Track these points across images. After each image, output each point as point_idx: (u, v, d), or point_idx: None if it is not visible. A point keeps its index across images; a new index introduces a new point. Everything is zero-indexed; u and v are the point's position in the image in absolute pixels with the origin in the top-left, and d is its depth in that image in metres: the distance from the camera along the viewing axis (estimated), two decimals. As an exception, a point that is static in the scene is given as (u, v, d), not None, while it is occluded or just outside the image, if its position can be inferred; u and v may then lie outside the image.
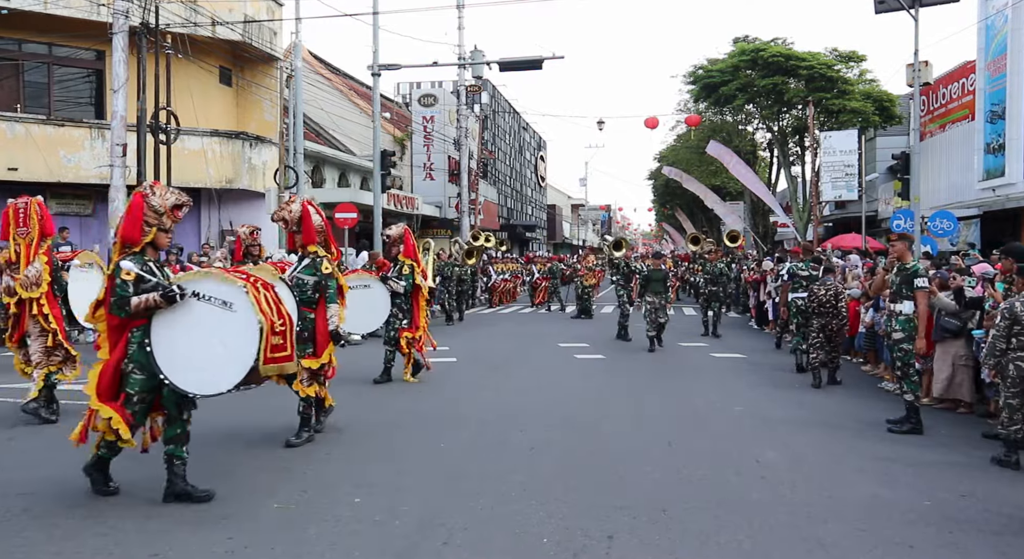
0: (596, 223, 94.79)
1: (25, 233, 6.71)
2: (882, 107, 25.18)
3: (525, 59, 18.34)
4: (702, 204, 34.18)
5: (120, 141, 14.38)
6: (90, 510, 4.46)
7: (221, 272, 4.68)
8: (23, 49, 17.17)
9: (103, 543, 3.97)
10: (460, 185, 27.98)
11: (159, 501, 4.57)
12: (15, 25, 15.65)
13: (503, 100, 48.82)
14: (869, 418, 7.15)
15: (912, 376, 6.64)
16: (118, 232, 4.53)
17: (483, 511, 4.50)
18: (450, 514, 4.45)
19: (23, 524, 4.24)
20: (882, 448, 6.08)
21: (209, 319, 4.39)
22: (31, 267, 6.63)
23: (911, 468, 5.52)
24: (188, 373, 4.36)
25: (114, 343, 4.46)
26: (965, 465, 5.64)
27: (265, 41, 19.40)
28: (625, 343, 13.49)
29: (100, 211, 17.30)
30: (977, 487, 5.03)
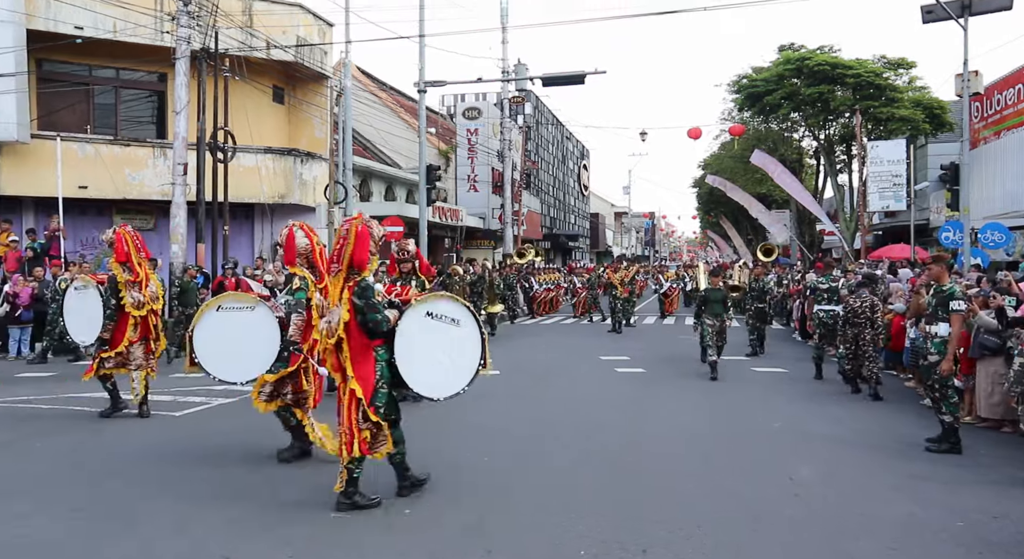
0: (640, 231, 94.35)
1: (142, 256, 8.09)
2: (932, 114, 24.72)
3: (567, 74, 18.62)
4: (747, 212, 33.94)
5: (181, 160, 15.11)
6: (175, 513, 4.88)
7: (447, 294, 5.55)
8: (93, 74, 18.17)
9: (179, 545, 4.37)
10: (504, 196, 28.37)
11: (216, 507, 4.96)
12: (87, 52, 16.60)
13: (546, 110, 49.19)
14: (908, 436, 7.20)
15: (951, 397, 6.69)
16: (345, 259, 4.88)
17: (524, 522, 4.77)
18: (493, 525, 4.74)
19: (114, 520, 4.68)
20: (918, 467, 6.16)
21: (439, 334, 5.12)
22: (151, 284, 8.07)
23: (946, 487, 5.60)
24: (424, 383, 5.11)
25: (361, 362, 4.89)
26: (1002, 486, 5.70)
27: (316, 61, 20.10)
28: (666, 357, 13.60)
29: (161, 225, 18.14)
30: (1013, 508, 5.10)
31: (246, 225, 20.08)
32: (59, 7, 16.03)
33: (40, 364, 12.42)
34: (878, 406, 8.97)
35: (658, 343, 16.01)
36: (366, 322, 4.83)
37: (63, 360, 12.60)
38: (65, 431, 7.42)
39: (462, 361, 5.15)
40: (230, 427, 7.56)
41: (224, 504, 5.11)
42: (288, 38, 19.01)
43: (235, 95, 17.43)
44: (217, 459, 6.29)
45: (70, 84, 17.92)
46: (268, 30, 18.44)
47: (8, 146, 15.94)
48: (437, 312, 5.12)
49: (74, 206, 16.97)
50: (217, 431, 7.41)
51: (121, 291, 7.83)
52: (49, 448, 6.76)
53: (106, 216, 18.54)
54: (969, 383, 8.12)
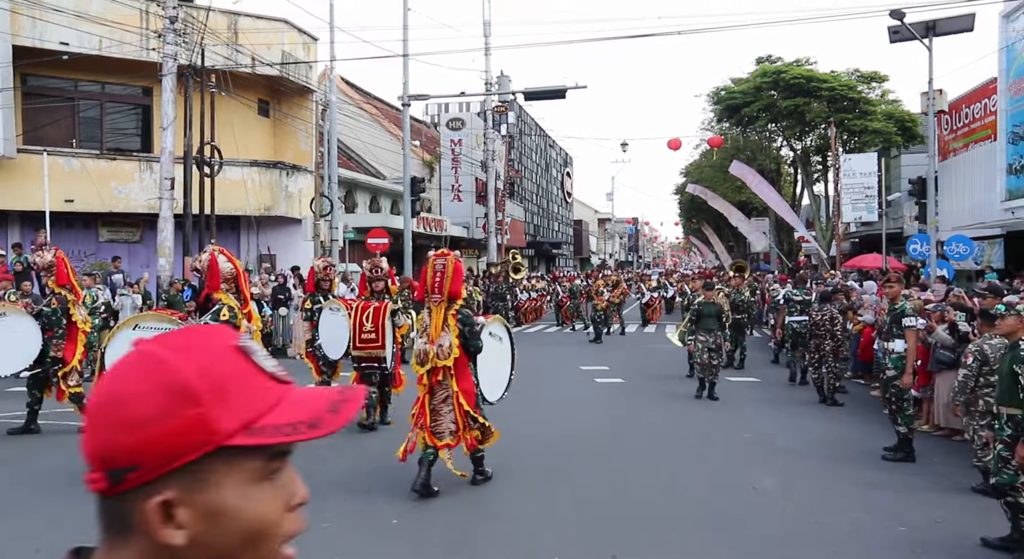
0: (623, 237, 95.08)
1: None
2: (904, 127, 25.40)
3: (549, 89, 19.05)
4: (728, 219, 34.56)
5: (168, 175, 15.33)
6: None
7: (499, 317, 7.17)
8: (79, 88, 18.34)
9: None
10: (487, 206, 28.74)
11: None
12: (72, 67, 16.78)
13: (530, 119, 49.65)
14: (869, 446, 7.61)
15: (906, 410, 7.11)
16: (445, 290, 5.89)
17: (503, 529, 5.12)
18: (474, 532, 5.08)
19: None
20: (873, 475, 6.57)
21: (493, 349, 6.41)
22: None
23: (898, 494, 6.01)
24: (487, 387, 6.32)
25: (463, 377, 5.94)
26: (948, 492, 6.11)
27: (301, 75, 20.38)
28: (645, 368, 13.98)
29: (148, 238, 18.33)
30: (952, 513, 5.51)
31: (232, 237, 20.27)
32: (44, 25, 16.22)
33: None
34: (845, 416, 9.39)
35: (639, 353, 16.41)
36: (468, 345, 5.87)
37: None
38: (55, 447, 7.66)
39: (503, 369, 6.67)
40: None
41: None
42: (273, 53, 19.28)
43: (221, 109, 17.66)
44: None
45: (55, 99, 18.07)
46: (253, 45, 18.70)
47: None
48: (493, 332, 6.58)
49: (60, 220, 17.12)
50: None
51: (71, 310, 8.17)
52: (46, 464, 7.00)
53: (92, 229, 18.70)
54: (927, 393, 8.57)
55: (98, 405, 0.75)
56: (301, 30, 20.25)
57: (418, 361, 5.92)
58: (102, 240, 18.83)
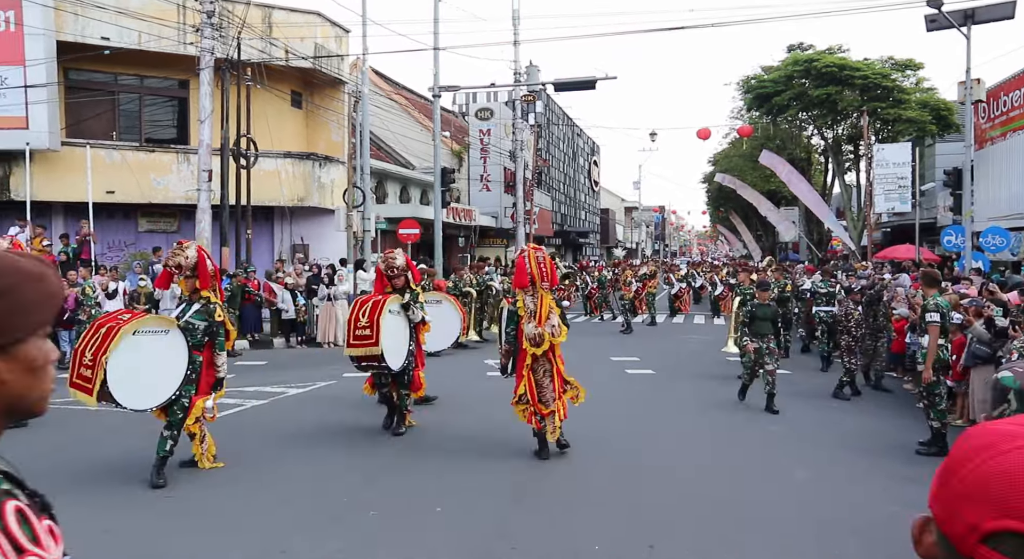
0: (650, 225, 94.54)
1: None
2: (939, 116, 24.99)
3: (579, 80, 19.06)
4: (757, 208, 34.30)
5: (206, 167, 15.66)
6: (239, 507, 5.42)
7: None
8: (118, 82, 18.76)
9: (235, 540, 4.92)
10: (516, 196, 28.84)
11: (278, 504, 5.51)
12: (112, 61, 17.18)
13: (557, 108, 49.51)
14: (903, 439, 7.65)
15: (939, 404, 7.15)
16: (548, 279, 6.85)
17: (543, 522, 5.29)
18: (514, 523, 5.26)
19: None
20: (908, 469, 6.62)
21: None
22: None
23: (931, 489, 6.06)
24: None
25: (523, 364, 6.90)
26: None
27: (333, 67, 20.61)
28: (676, 359, 14.04)
29: (185, 228, 18.75)
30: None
31: (266, 228, 20.65)
32: (86, 21, 16.60)
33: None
34: (878, 410, 9.42)
35: (669, 344, 16.47)
36: (566, 323, 6.97)
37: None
38: (114, 433, 7.99)
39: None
40: (267, 427, 8.10)
41: (274, 502, 5.65)
42: (306, 45, 19.51)
43: (255, 101, 17.96)
44: (260, 459, 6.83)
45: (97, 93, 18.51)
46: (287, 38, 18.96)
47: (40, 154, 16.55)
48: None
49: (102, 210, 17.57)
50: (256, 431, 7.95)
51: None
52: (116, 446, 7.32)
53: (132, 220, 19.17)
54: (962, 388, 8.57)
55: None
56: (334, 23, 20.47)
57: (533, 344, 6.69)
58: (141, 230, 19.30)
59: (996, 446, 0.81)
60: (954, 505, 0.81)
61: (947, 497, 0.83)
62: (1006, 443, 0.81)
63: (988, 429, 0.85)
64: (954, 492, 0.82)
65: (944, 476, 0.85)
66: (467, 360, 13.50)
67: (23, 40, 16.01)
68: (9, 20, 16.01)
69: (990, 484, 0.78)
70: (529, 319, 6.67)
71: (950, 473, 0.84)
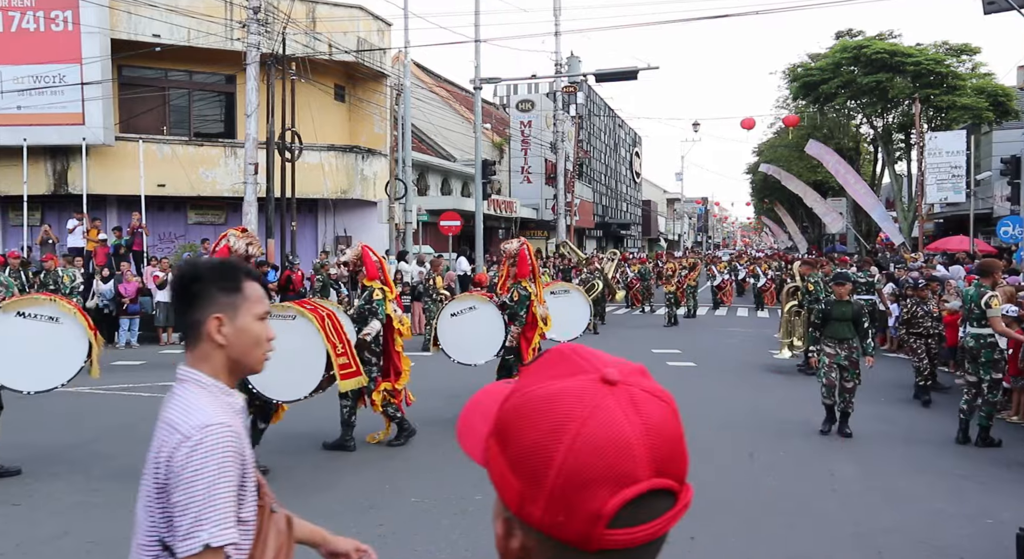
0: (692, 217, 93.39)
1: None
2: (997, 102, 24.11)
3: (620, 71, 18.90)
4: (803, 198, 33.60)
5: (252, 160, 16.00)
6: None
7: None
8: (168, 77, 19.27)
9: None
10: (557, 187, 28.80)
11: (317, 489, 5.65)
12: (162, 57, 17.66)
13: (598, 99, 49.19)
14: (953, 434, 7.47)
15: (992, 398, 6.97)
16: (517, 274, 7.95)
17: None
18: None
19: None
20: (957, 465, 6.47)
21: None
22: None
23: (981, 486, 5.92)
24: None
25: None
26: (1038, 485, 5.98)
27: (375, 60, 20.83)
28: (716, 352, 13.89)
29: (232, 220, 19.18)
30: (1042, 507, 5.40)
31: (310, 220, 21.02)
32: (138, 19, 17.08)
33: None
34: (932, 405, 9.18)
35: (710, 337, 16.30)
36: None
37: (152, 348, 13.69)
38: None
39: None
40: (304, 415, 8.26)
41: (312, 492, 5.79)
42: (349, 39, 19.75)
43: (299, 95, 18.26)
44: (302, 451, 6.99)
45: (148, 89, 19.04)
46: (330, 32, 19.21)
47: (95, 149, 17.11)
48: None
49: (152, 203, 18.12)
50: (297, 422, 8.12)
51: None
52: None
53: (181, 212, 19.71)
54: (1018, 383, 8.31)
55: None
56: (376, 16, 20.66)
57: (544, 322, 7.92)
58: (190, 223, 19.83)
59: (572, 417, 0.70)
60: (566, 495, 0.68)
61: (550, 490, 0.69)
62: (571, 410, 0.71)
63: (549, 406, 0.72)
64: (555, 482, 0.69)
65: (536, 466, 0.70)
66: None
67: (80, 39, 16.55)
68: (67, 20, 16.56)
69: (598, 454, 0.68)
70: (541, 303, 7.90)
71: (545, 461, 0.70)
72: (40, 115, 16.48)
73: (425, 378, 9.16)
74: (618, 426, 0.69)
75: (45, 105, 16.55)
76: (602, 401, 0.71)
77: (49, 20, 16.56)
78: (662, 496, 0.72)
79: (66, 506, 5.41)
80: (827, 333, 7.63)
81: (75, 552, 4.61)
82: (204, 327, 1.57)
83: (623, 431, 0.69)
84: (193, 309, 1.59)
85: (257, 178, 16.15)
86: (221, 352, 1.58)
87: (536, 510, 0.69)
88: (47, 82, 16.52)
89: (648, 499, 0.70)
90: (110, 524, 4.95)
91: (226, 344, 1.58)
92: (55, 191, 17.38)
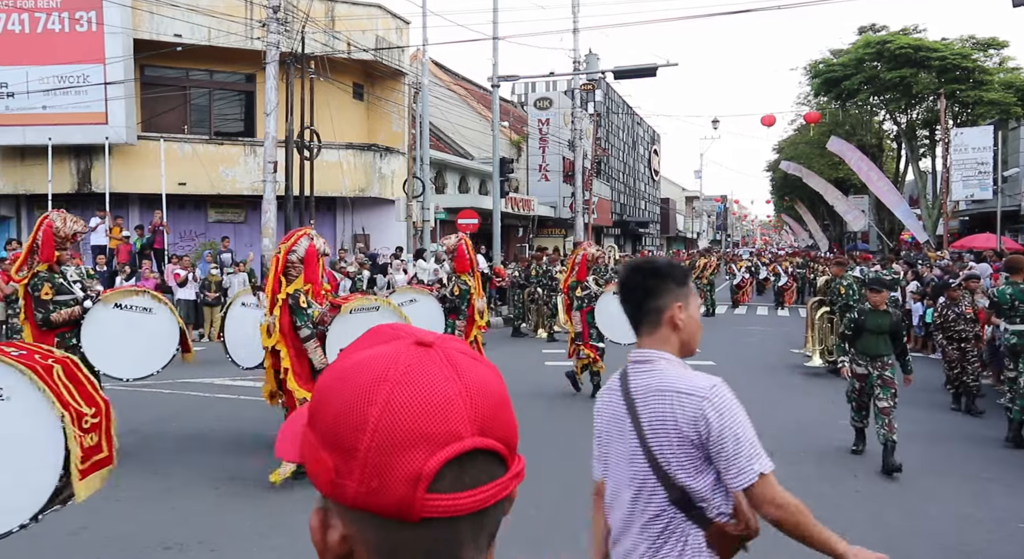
0: (711, 215, 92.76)
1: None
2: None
3: (639, 67, 18.78)
4: (824, 196, 33.23)
5: (271, 159, 16.07)
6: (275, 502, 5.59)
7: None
8: (189, 77, 19.44)
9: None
10: (575, 185, 28.69)
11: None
12: (183, 57, 17.80)
13: (616, 97, 48.95)
14: (980, 435, 7.33)
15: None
16: (456, 268, 8.21)
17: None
18: (576, 514, 5.24)
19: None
20: (985, 468, 6.34)
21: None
22: None
23: (1008, 488, 5.79)
24: None
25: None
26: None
27: (394, 59, 20.86)
28: (736, 350, 13.75)
29: (251, 218, 19.34)
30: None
31: (328, 218, 21.10)
32: (160, 19, 17.24)
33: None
34: (952, 404, 9.02)
35: (728, 336, 16.16)
36: None
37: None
38: (182, 414, 8.33)
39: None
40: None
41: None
42: (368, 38, 19.79)
43: (318, 94, 18.32)
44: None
45: (169, 88, 19.22)
46: (349, 31, 19.27)
47: (117, 148, 17.30)
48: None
49: (173, 201, 18.28)
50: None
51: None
52: (181, 429, 7.64)
53: (202, 211, 19.87)
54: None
55: None
56: (394, 15, 20.68)
57: (482, 316, 8.16)
58: (211, 221, 19.98)
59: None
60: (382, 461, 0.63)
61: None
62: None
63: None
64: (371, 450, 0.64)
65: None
66: (528, 350, 13.53)
67: (103, 39, 16.74)
68: (91, 20, 16.75)
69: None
70: (481, 296, 8.18)
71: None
72: (64, 115, 16.69)
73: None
74: (436, 383, 0.65)
75: (69, 105, 16.76)
76: (418, 361, 0.66)
77: (74, 21, 16.76)
78: (490, 460, 0.67)
79: (84, 501, 5.45)
80: (859, 347, 6.57)
81: (92, 547, 4.64)
82: (666, 314, 1.87)
83: (442, 388, 0.64)
84: (654, 299, 1.87)
85: (276, 176, 16.22)
86: (676, 335, 1.88)
87: (351, 482, 0.64)
88: (71, 82, 16.73)
89: (473, 462, 0.65)
90: (128, 520, 4.98)
91: (682, 328, 1.88)
92: (79, 190, 17.59)
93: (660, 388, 1.80)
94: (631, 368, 1.89)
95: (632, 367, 1.89)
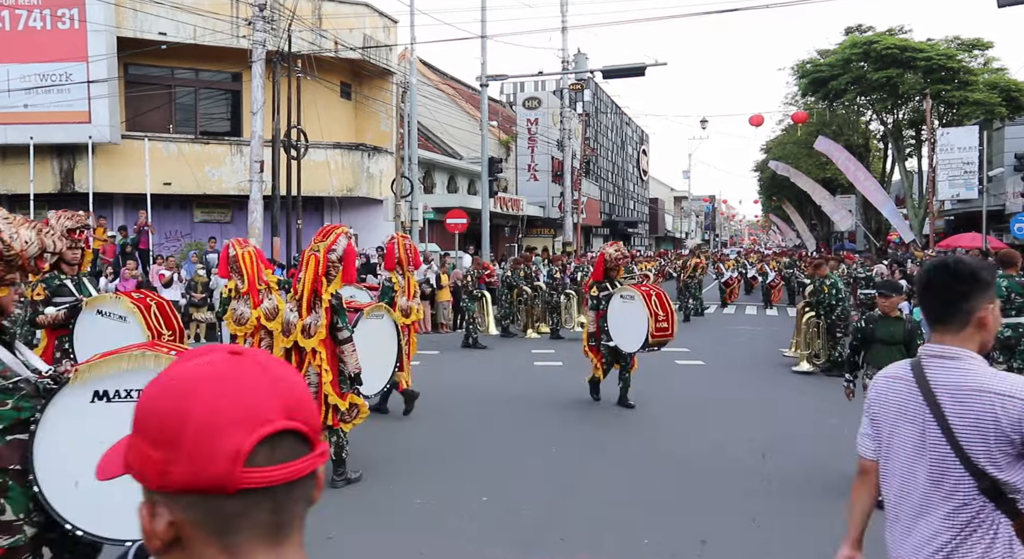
0: (700, 215, 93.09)
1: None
2: (1010, 97, 23.84)
3: (628, 67, 18.76)
4: (811, 196, 33.39)
5: (258, 158, 15.95)
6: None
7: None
8: (175, 75, 19.24)
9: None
10: (563, 185, 28.67)
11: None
12: (168, 55, 17.62)
13: (605, 97, 48.99)
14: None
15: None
16: (385, 266, 8.39)
17: (592, 514, 5.21)
18: (566, 515, 5.19)
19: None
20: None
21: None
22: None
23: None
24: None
25: None
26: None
27: (381, 58, 20.74)
28: (726, 350, 13.75)
29: (238, 219, 19.15)
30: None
31: (316, 218, 20.95)
32: (144, 17, 17.04)
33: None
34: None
35: (718, 335, 16.16)
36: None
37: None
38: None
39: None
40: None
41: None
42: (355, 36, 19.66)
43: (305, 93, 18.19)
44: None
45: (154, 87, 19.00)
46: (336, 30, 19.13)
47: (101, 147, 17.09)
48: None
49: (159, 201, 18.08)
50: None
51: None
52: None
53: (188, 211, 19.67)
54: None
55: None
56: (382, 13, 20.57)
57: (404, 315, 7.88)
58: (196, 221, 19.79)
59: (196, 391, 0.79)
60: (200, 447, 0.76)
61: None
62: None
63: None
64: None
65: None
66: (518, 350, 13.46)
67: (86, 37, 16.52)
68: (73, 18, 16.53)
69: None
70: (401, 295, 8.03)
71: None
72: (46, 113, 16.46)
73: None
74: (248, 379, 0.78)
75: (51, 103, 16.53)
76: (232, 364, 0.79)
77: (56, 18, 16.53)
78: (297, 441, 0.79)
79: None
80: (869, 360, 5.80)
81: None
82: (977, 314, 1.91)
83: (253, 382, 0.78)
84: (968, 299, 1.91)
85: (263, 176, 16.09)
86: (979, 334, 1.93)
87: (178, 468, 0.75)
88: (53, 80, 16.50)
89: (282, 441, 0.77)
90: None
91: (990, 328, 1.94)
92: (61, 189, 17.36)
93: (977, 388, 1.85)
94: (928, 361, 1.95)
95: (930, 361, 1.94)
